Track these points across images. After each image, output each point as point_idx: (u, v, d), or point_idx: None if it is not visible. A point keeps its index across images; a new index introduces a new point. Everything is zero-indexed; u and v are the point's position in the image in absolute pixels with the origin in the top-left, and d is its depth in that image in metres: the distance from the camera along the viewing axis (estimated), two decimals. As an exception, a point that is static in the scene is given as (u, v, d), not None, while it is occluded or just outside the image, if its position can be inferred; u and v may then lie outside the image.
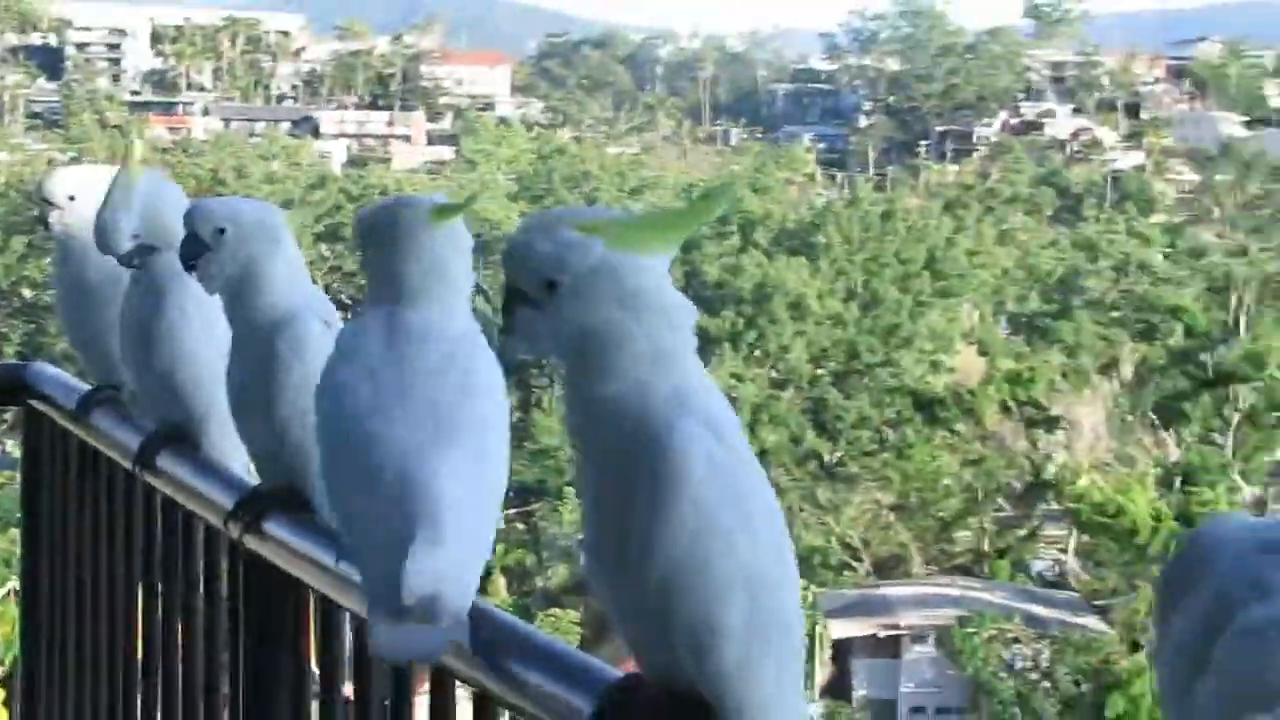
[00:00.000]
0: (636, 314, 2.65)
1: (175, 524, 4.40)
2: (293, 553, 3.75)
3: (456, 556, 2.93)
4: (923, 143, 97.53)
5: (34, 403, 5.29)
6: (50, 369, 5.37)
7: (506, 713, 3.18)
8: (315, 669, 3.96)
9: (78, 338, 5.06)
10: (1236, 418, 67.14)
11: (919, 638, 56.41)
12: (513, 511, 62.18)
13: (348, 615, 3.65)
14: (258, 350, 3.88)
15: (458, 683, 3.31)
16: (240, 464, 4.23)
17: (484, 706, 3.23)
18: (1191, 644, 1.82)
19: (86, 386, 4.91)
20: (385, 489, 2.94)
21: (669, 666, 2.67)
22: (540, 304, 2.65)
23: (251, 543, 3.89)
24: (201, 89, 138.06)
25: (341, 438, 3.05)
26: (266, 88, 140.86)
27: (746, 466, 2.69)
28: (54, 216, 4.87)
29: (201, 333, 4.30)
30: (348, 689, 3.82)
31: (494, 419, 3.16)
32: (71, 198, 4.83)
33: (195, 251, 3.73)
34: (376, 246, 3.25)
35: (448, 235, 3.21)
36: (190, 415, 4.39)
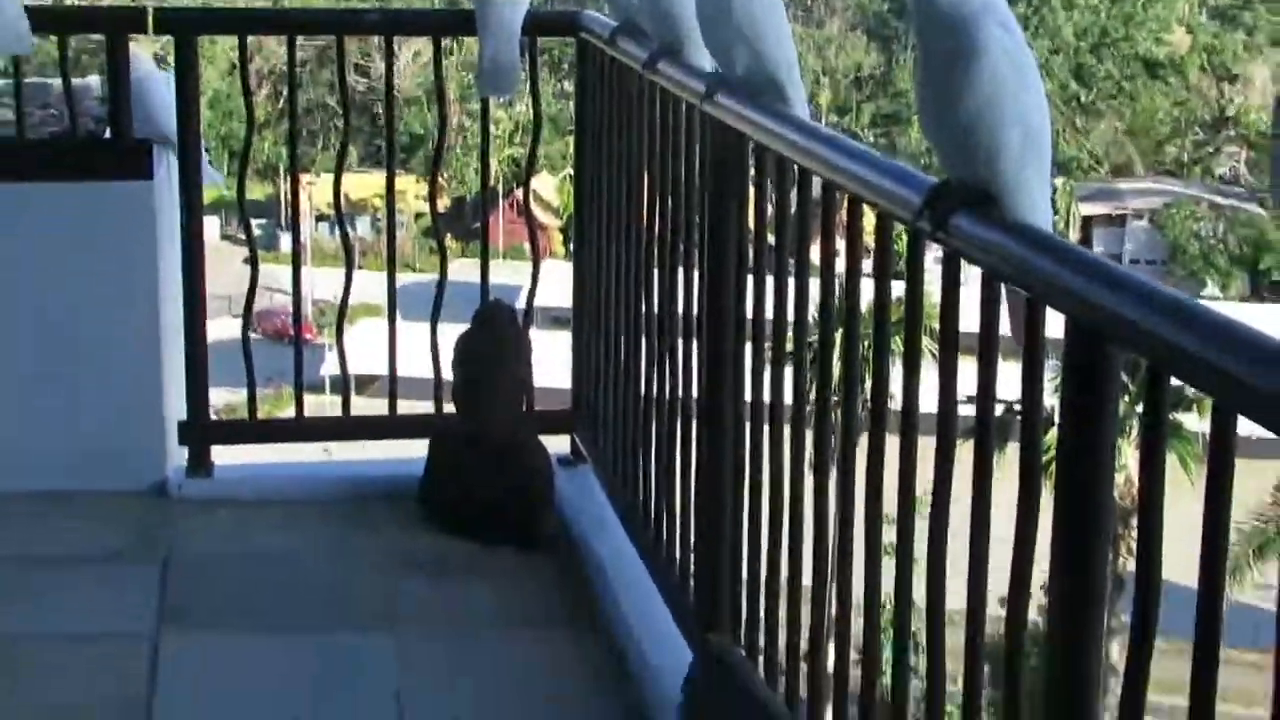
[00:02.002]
0: None
1: (666, 105, 4.34)
2: (738, 115, 3.70)
3: None
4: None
5: (583, 35, 5.22)
6: (592, 12, 5.28)
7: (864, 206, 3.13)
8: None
9: None
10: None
11: (1138, 215, 55.62)
12: (879, 130, 61.18)
13: (773, 155, 3.58)
14: None
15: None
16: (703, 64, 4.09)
17: (829, 189, 3.22)
18: None
19: (613, 23, 4.90)
20: None
21: (970, 173, 2.63)
22: None
23: (708, 108, 3.84)
24: None
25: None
26: None
27: (1024, 52, 2.64)
28: None
29: None
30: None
31: None
32: None
33: None
34: None
35: None
36: (677, 35, 4.23)
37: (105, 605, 4.71)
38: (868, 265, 3.19)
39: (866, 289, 3.14)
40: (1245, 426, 1.99)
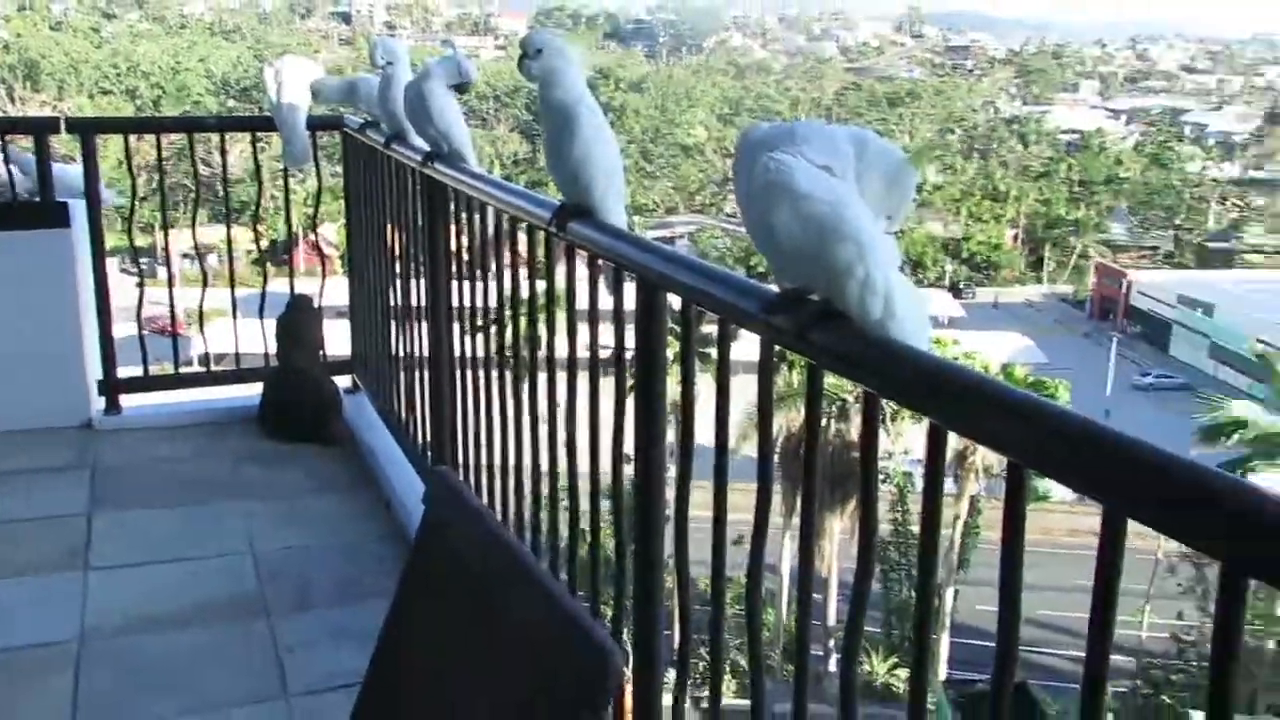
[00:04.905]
0: (567, 66, 2.52)
1: (401, 170, 4.20)
2: (443, 174, 3.61)
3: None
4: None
5: (345, 129, 5.05)
6: (351, 115, 5.06)
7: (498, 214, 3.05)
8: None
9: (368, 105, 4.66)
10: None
11: (681, 237, 56.62)
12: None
13: (464, 196, 3.47)
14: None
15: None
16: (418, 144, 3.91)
17: (499, 214, 3.10)
18: (743, 184, 1.64)
19: (360, 121, 4.75)
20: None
21: (577, 198, 2.59)
22: (533, 58, 2.52)
23: (428, 170, 3.73)
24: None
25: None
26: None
27: (605, 125, 2.56)
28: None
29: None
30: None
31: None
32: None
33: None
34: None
35: None
36: (402, 128, 4.05)
37: (56, 497, 4.45)
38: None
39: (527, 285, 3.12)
40: (741, 352, 2.07)
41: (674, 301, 2.26)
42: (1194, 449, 18.42)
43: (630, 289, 2.41)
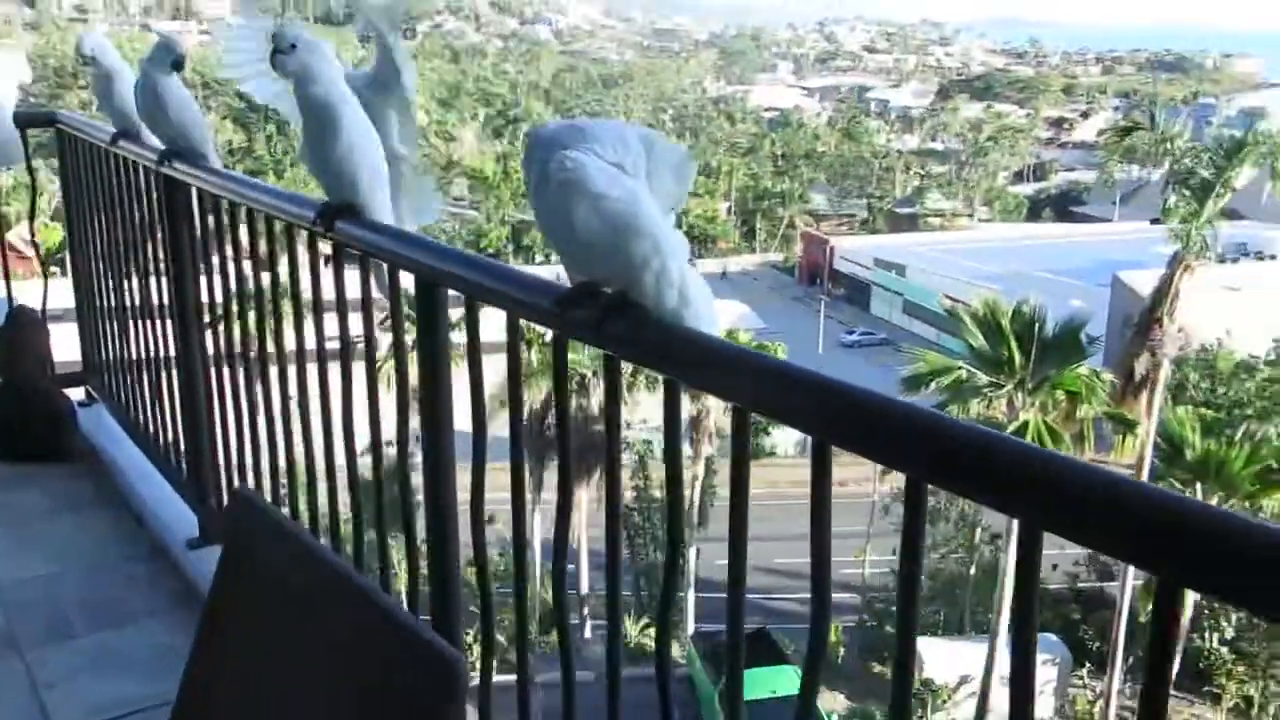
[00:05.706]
0: (323, 61, 2.39)
1: (129, 169, 3.88)
2: (185, 172, 3.38)
3: None
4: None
5: (60, 125, 4.60)
6: (66, 112, 4.66)
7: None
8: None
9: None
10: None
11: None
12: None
13: (210, 195, 3.28)
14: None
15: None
16: (156, 144, 3.59)
17: (251, 213, 2.91)
18: (535, 181, 1.64)
19: (81, 116, 4.36)
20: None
21: (341, 195, 2.47)
22: (288, 53, 2.36)
23: (166, 170, 3.46)
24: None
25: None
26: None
27: (364, 116, 2.45)
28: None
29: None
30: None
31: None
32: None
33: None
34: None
35: None
36: (132, 124, 3.74)
37: None
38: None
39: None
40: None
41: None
42: (899, 397, 19.74)
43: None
